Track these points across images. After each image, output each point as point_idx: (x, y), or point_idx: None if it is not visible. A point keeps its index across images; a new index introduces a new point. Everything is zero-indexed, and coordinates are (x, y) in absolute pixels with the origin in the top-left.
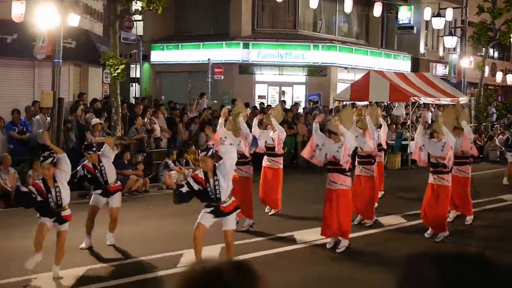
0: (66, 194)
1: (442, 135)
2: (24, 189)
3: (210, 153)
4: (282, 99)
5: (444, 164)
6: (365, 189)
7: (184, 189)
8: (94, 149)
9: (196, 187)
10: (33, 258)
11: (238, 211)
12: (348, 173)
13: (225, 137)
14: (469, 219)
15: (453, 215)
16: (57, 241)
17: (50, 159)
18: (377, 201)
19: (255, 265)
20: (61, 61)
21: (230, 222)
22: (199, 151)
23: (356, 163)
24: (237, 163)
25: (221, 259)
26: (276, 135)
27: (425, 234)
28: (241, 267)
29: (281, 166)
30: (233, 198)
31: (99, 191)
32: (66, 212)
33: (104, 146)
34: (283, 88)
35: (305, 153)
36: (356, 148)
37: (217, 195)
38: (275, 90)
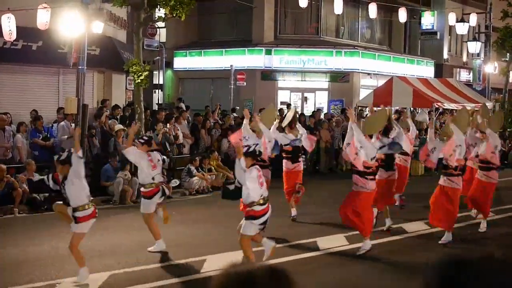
0: (75, 195)
1: (452, 135)
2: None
3: (244, 150)
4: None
5: (454, 167)
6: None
7: (231, 186)
8: (142, 141)
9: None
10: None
11: (254, 220)
12: (369, 176)
13: (248, 137)
14: (482, 227)
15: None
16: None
17: (57, 157)
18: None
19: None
20: (85, 68)
21: (245, 227)
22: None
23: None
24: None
25: (256, 264)
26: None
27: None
28: (275, 272)
29: (301, 168)
30: (254, 208)
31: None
32: (79, 214)
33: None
34: (306, 94)
35: (350, 154)
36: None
37: None
38: (297, 96)
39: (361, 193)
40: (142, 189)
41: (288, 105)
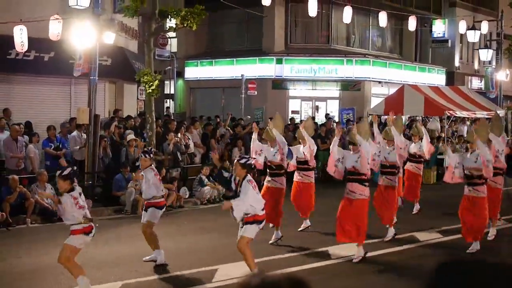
0: (67, 214)
1: (476, 146)
2: None
3: (243, 161)
4: (313, 115)
5: (478, 176)
6: (386, 199)
7: (226, 174)
8: (147, 156)
9: (234, 186)
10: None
11: (259, 224)
12: (367, 183)
13: (261, 150)
14: (491, 234)
15: (492, 232)
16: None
17: (59, 172)
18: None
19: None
20: (97, 78)
21: (247, 230)
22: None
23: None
24: (271, 174)
25: (280, 274)
26: (307, 148)
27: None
28: (298, 283)
29: (313, 180)
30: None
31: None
32: (73, 227)
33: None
34: (317, 103)
35: (329, 168)
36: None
37: None
38: (308, 105)
39: (362, 200)
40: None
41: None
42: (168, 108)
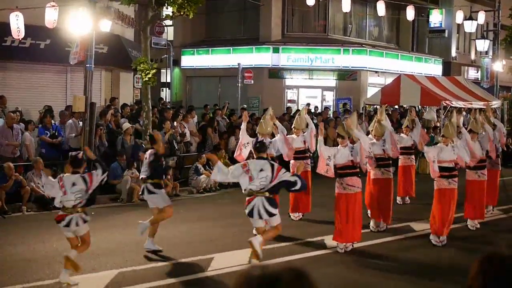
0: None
1: (451, 140)
2: None
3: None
4: (307, 103)
5: (454, 168)
6: (384, 191)
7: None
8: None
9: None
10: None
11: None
12: (360, 175)
13: (247, 143)
14: (475, 223)
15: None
16: None
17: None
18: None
19: None
20: (93, 66)
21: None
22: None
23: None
24: None
25: (281, 264)
26: (308, 136)
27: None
28: (299, 274)
29: (309, 168)
30: None
31: None
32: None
33: None
34: (313, 92)
35: (320, 169)
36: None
37: None
38: (304, 95)
39: (358, 194)
40: None
41: (308, 104)
42: (161, 98)
